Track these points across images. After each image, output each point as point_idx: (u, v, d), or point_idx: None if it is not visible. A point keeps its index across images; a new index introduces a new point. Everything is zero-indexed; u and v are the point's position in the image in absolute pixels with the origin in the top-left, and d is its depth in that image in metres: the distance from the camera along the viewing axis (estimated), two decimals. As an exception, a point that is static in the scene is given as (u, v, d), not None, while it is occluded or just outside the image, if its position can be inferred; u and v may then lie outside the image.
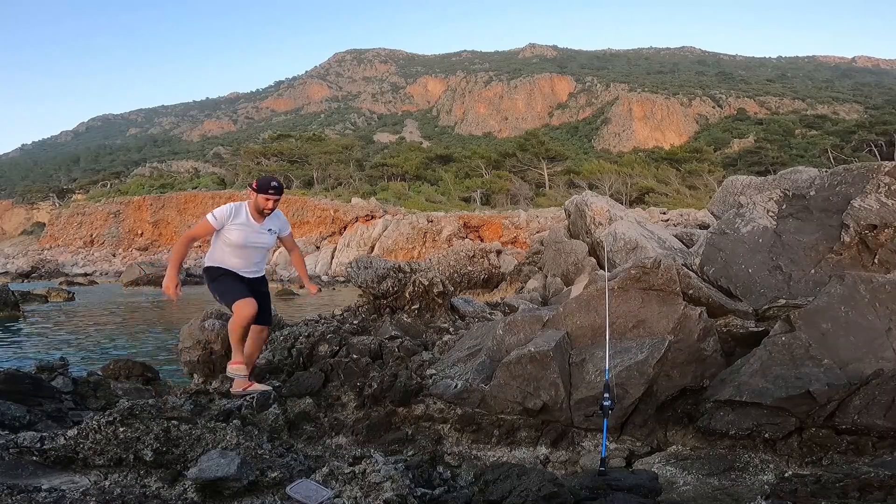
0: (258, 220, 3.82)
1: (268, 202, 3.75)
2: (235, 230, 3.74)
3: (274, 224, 3.94)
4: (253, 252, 3.86)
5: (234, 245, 3.75)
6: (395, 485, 1.86)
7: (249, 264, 3.87)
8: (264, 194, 3.73)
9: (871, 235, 3.70)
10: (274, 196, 3.77)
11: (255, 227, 3.80)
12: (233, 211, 3.78)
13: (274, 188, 3.77)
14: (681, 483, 2.64)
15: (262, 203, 3.74)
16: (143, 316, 14.28)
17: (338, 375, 3.91)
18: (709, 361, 3.27)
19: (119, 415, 2.14)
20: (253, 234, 3.80)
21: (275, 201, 3.79)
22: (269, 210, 3.78)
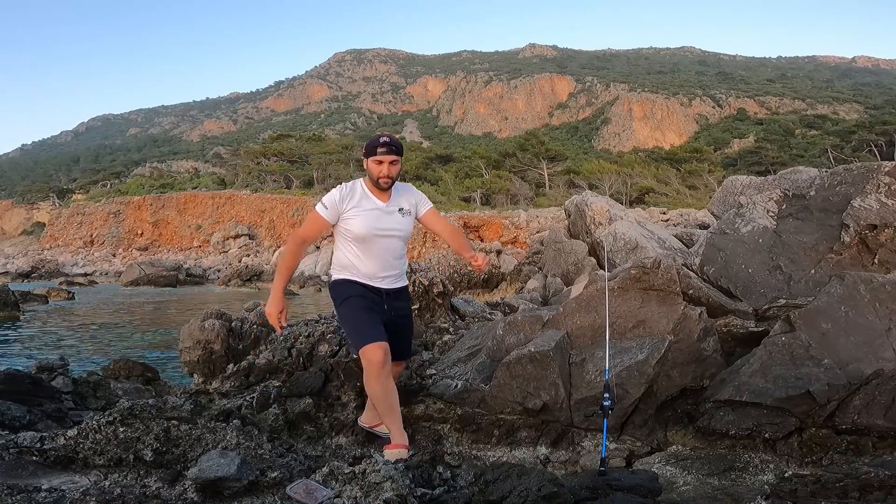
0: (382, 197, 2.88)
1: (381, 166, 2.80)
2: (354, 217, 2.83)
3: (406, 200, 2.97)
4: (386, 246, 2.89)
5: (358, 239, 2.85)
6: (395, 485, 1.86)
7: (385, 265, 2.93)
8: (374, 156, 2.80)
9: (871, 235, 3.70)
10: (389, 156, 2.81)
11: (379, 209, 2.86)
12: (346, 191, 2.88)
13: (385, 144, 2.82)
14: (681, 483, 2.64)
15: (374, 170, 2.81)
16: (143, 316, 14.28)
17: (338, 375, 3.91)
18: (709, 361, 3.27)
19: (119, 415, 2.14)
20: (379, 218, 2.85)
21: (391, 163, 2.82)
22: (386, 179, 2.82)
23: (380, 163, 2.82)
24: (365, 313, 2.81)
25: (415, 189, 3.12)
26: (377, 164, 2.82)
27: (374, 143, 2.85)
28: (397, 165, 2.86)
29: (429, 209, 3.07)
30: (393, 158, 2.82)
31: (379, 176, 2.82)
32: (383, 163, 2.82)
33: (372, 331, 2.74)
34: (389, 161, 2.82)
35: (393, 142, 2.87)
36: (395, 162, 2.84)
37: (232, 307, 7.27)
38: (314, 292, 22.17)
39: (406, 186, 3.06)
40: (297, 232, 2.98)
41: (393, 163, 2.83)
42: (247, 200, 43.58)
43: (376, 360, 2.67)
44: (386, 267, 2.93)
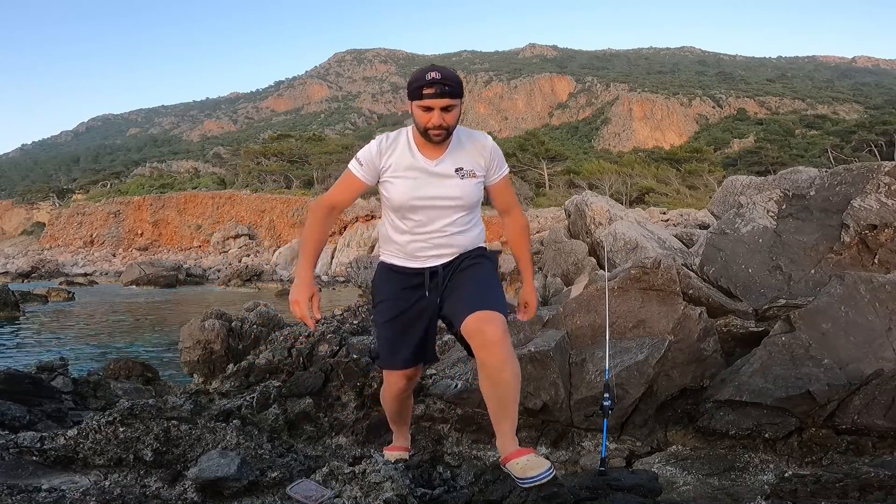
0: (431, 153, 2.10)
1: (429, 114, 1.99)
2: (391, 180, 2.12)
3: (469, 156, 2.13)
4: (433, 218, 2.13)
5: (395, 209, 2.16)
6: (395, 485, 1.86)
7: (435, 244, 2.16)
8: (419, 100, 2.00)
9: (871, 235, 3.70)
10: (440, 99, 1.97)
11: (423, 169, 2.09)
12: (386, 143, 2.14)
13: (434, 83, 1.97)
14: (681, 483, 2.64)
15: (420, 119, 2.02)
16: (143, 316, 14.28)
17: (338, 375, 3.91)
18: (709, 361, 3.27)
19: (119, 415, 2.14)
20: (422, 182, 2.09)
21: (445, 109, 1.99)
22: (437, 129, 2.00)
23: (427, 109, 1.99)
24: (393, 332, 2.21)
25: (487, 139, 2.19)
26: (424, 110, 2.00)
27: (419, 79, 1.99)
28: (454, 111, 2.02)
29: (502, 177, 2.22)
30: (446, 103, 1.97)
31: (427, 126, 2.00)
32: (433, 109, 1.98)
33: (396, 357, 2.21)
34: (441, 107, 1.98)
35: (446, 78, 1.97)
36: (451, 107, 1.99)
37: (232, 307, 7.26)
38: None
39: (473, 135, 2.18)
40: (323, 196, 2.23)
41: (447, 108, 1.99)
42: (247, 200, 43.58)
43: (395, 388, 2.29)
44: (437, 245, 2.15)
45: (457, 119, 2.08)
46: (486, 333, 1.94)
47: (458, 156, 2.14)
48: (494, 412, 2.04)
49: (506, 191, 2.29)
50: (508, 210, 2.32)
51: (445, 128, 2.04)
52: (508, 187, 2.30)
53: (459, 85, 2.05)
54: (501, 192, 2.27)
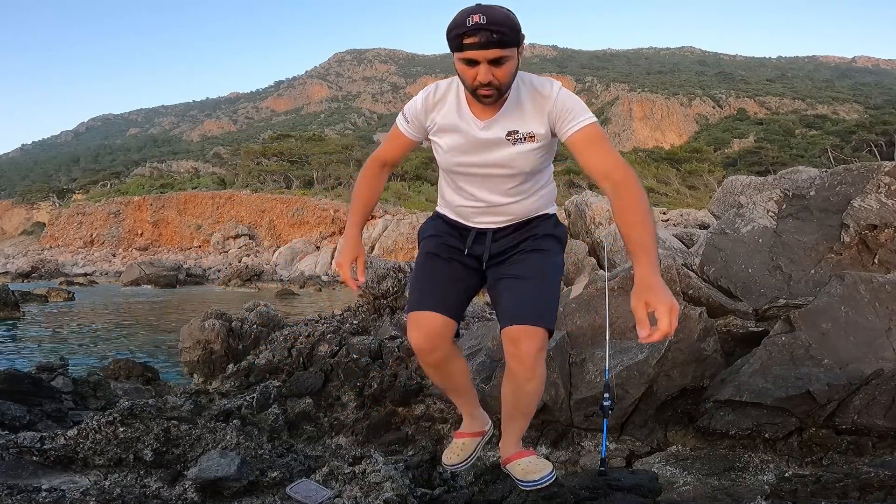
0: (481, 112, 1.73)
1: (475, 69, 1.58)
2: (438, 139, 1.85)
3: (523, 117, 1.73)
4: (482, 185, 1.84)
5: (443, 168, 1.93)
6: (395, 485, 1.86)
7: (486, 211, 1.89)
8: (460, 53, 1.58)
9: (871, 235, 3.70)
10: (488, 50, 1.54)
11: (469, 132, 1.76)
12: (434, 97, 1.82)
13: (479, 30, 1.52)
14: (681, 483, 2.64)
15: (466, 75, 1.62)
16: (143, 316, 14.28)
17: (338, 375, 3.91)
18: (709, 361, 3.27)
19: (119, 415, 2.14)
20: (468, 146, 1.78)
21: (494, 63, 1.56)
22: (486, 89, 1.61)
23: (471, 63, 1.58)
24: (426, 270, 1.96)
25: (551, 88, 1.71)
26: (468, 64, 1.59)
27: (459, 25, 1.54)
28: (508, 65, 1.58)
29: (579, 130, 1.66)
30: (496, 54, 1.54)
31: (474, 85, 1.61)
32: (478, 63, 1.57)
33: (420, 297, 1.92)
34: (490, 59, 1.55)
35: (493, 22, 1.51)
36: (503, 60, 1.56)
37: (232, 307, 7.26)
38: (314, 292, 22.17)
39: (536, 86, 1.72)
40: (373, 155, 2.02)
41: (498, 61, 1.56)
42: (247, 200, 43.59)
43: (412, 340, 1.89)
44: (488, 213, 1.88)
45: (512, 74, 1.62)
46: (521, 348, 1.75)
47: (513, 116, 1.73)
48: (507, 413, 1.95)
49: (590, 148, 1.66)
50: (605, 174, 1.63)
51: (497, 86, 1.61)
52: (595, 143, 1.66)
53: (514, 30, 1.55)
54: (583, 150, 1.67)
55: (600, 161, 1.66)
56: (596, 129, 1.68)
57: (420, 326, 1.86)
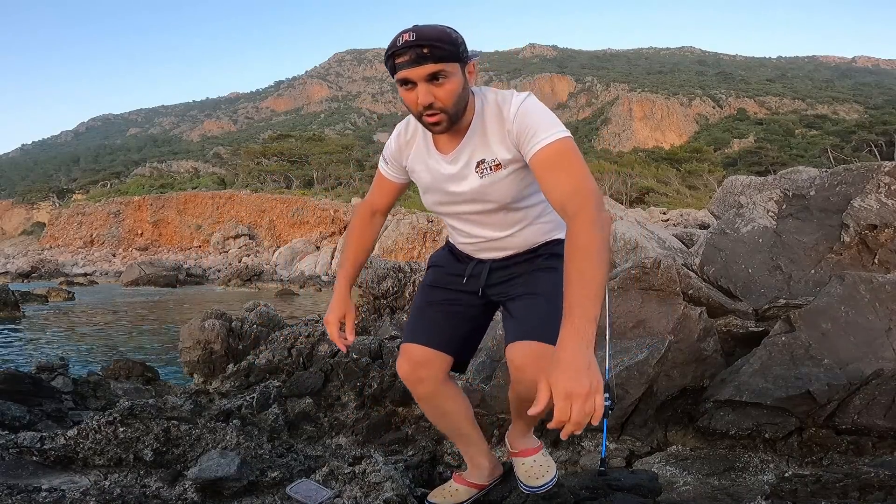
0: (445, 144, 1.60)
1: (411, 93, 1.45)
2: (414, 177, 1.74)
3: (488, 143, 1.55)
4: (464, 225, 1.73)
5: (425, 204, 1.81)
6: (395, 485, 1.86)
7: (475, 247, 1.77)
8: (396, 74, 1.44)
9: (871, 235, 3.70)
10: (418, 67, 1.39)
11: (438, 169, 1.64)
12: (405, 135, 1.70)
13: (406, 47, 1.38)
14: (681, 483, 2.64)
15: (407, 100, 1.48)
16: (143, 316, 14.28)
17: (338, 375, 3.91)
18: (709, 361, 3.27)
19: (119, 415, 2.14)
20: (441, 184, 1.66)
21: (431, 80, 1.41)
22: (432, 114, 1.45)
23: (409, 85, 1.43)
24: (422, 303, 1.87)
25: (510, 103, 1.50)
26: (407, 90, 1.45)
27: (391, 46, 1.42)
28: (450, 83, 1.42)
29: (539, 150, 1.42)
30: (430, 69, 1.39)
31: (418, 110, 1.46)
32: (413, 84, 1.42)
33: (412, 329, 1.84)
34: (425, 77, 1.40)
35: (423, 37, 1.38)
36: (441, 76, 1.40)
37: (232, 307, 7.26)
38: (314, 292, 22.17)
39: (500, 102, 1.53)
40: (364, 199, 1.92)
41: (436, 77, 1.41)
42: (247, 200, 43.59)
43: (399, 369, 1.83)
44: (489, 247, 1.73)
45: (456, 93, 1.44)
46: (523, 369, 1.59)
47: (479, 143, 1.55)
48: (514, 411, 1.87)
49: (547, 172, 1.41)
50: (560, 204, 1.37)
51: (443, 109, 1.44)
52: (554, 164, 1.40)
53: (452, 44, 1.40)
54: (541, 175, 1.43)
55: (556, 186, 1.38)
56: (555, 148, 1.41)
57: (409, 359, 1.79)
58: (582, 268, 1.22)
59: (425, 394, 1.83)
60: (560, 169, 1.40)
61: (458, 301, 1.82)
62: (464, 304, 1.82)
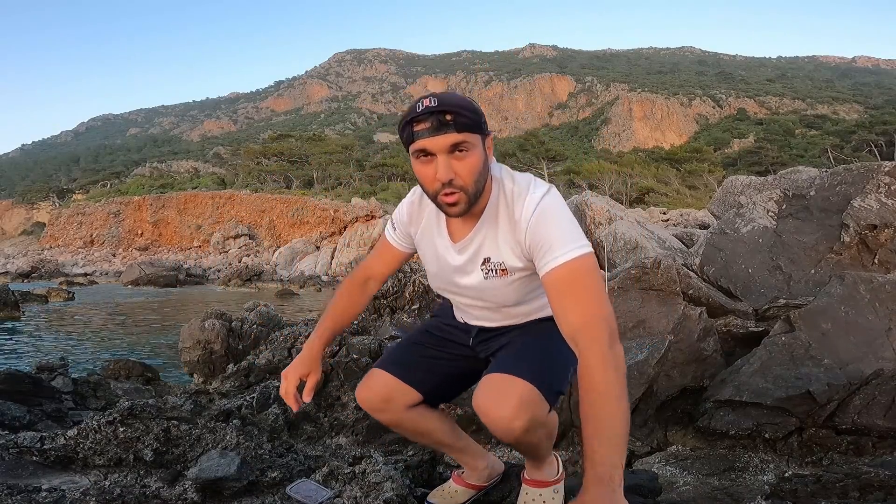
0: (457, 227, 1.50)
1: (427, 167, 1.32)
2: (420, 252, 1.67)
3: (497, 240, 1.43)
4: (466, 309, 1.67)
5: (429, 281, 1.71)
6: (395, 485, 1.86)
7: (476, 320, 1.69)
8: (412, 143, 1.32)
9: (871, 235, 3.70)
10: (438, 134, 1.27)
11: (444, 256, 1.54)
12: (417, 204, 1.60)
13: (427, 113, 1.27)
14: (681, 483, 2.64)
15: (423, 176, 1.35)
16: (143, 316, 14.28)
17: (338, 375, 3.91)
18: (709, 361, 3.27)
19: (119, 415, 2.14)
20: (446, 268, 1.56)
21: (452, 151, 1.29)
22: (449, 193, 1.32)
23: (424, 156, 1.32)
24: (408, 341, 1.83)
25: (525, 206, 1.37)
26: (424, 162, 1.33)
27: (409, 112, 1.31)
28: (472, 157, 1.31)
29: (554, 269, 1.30)
30: (452, 139, 1.28)
31: (434, 189, 1.34)
32: (432, 154, 1.31)
33: (385, 358, 1.78)
34: (447, 148, 1.29)
35: (446, 103, 1.28)
36: (463, 148, 1.30)
37: (232, 307, 7.26)
38: (314, 292, 22.17)
39: (515, 198, 1.39)
40: (361, 264, 1.81)
41: (458, 150, 1.30)
42: (247, 200, 43.59)
43: (357, 394, 1.74)
44: (488, 321, 1.66)
45: (478, 170, 1.32)
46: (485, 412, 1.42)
47: (489, 237, 1.43)
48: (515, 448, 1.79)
49: (560, 296, 1.29)
50: (570, 335, 1.26)
51: (462, 188, 1.31)
52: (568, 288, 1.28)
53: (475, 112, 1.31)
54: (552, 297, 1.30)
55: (566, 314, 1.27)
56: (570, 269, 1.28)
57: (371, 385, 1.70)
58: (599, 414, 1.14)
59: (389, 421, 1.75)
60: (571, 295, 1.28)
61: (445, 346, 1.76)
62: (451, 350, 1.75)
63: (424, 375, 1.71)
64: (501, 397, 1.40)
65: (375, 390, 1.69)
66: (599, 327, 1.23)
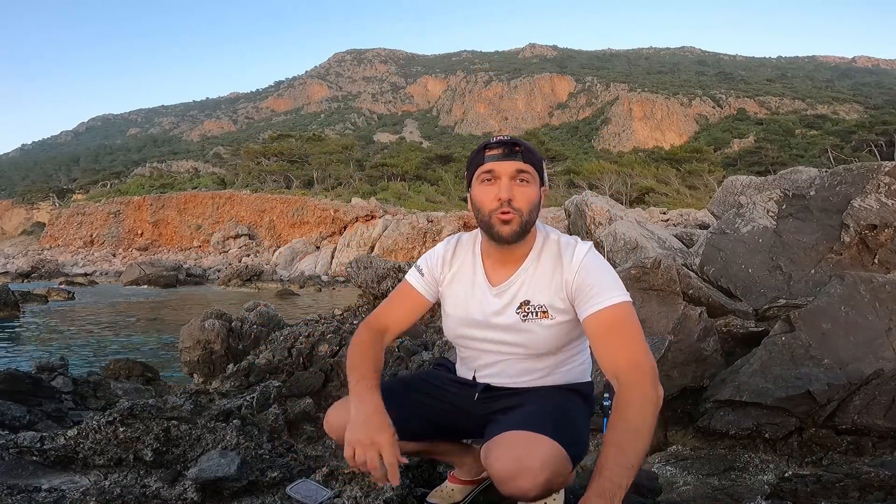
0: (496, 271, 1.52)
1: (493, 189, 1.41)
2: (447, 294, 1.60)
3: (540, 285, 1.47)
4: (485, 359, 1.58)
5: (447, 337, 1.67)
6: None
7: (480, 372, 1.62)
8: (482, 166, 1.43)
9: (871, 235, 3.70)
10: (507, 160, 1.40)
11: (484, 293, 1.53)
12: (454, 246, 1.62)
13: (500, 143, 1.43)
14: (681, 483, 2.64)
15: (482, 197, 1.43)
16: (143, 316, 14.28)
17: (338, 375, 3.91)
18: (709, 361, 3.27)
19: (119, 415, 2.14)
20: (475, 311, 1.54)
21: (516, 178, 1.41)
22: (506, 212, 1.40)
23: (489, 179, 1.40)
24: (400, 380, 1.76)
25: (575, 254, 1.44)
26: (486, 182, 1.41)
27: (482, 144, 1.45)
28: (529, 190, 1.41)
29: (600, 312, 1.36)
30: (517, 166, 1.39)
31: (491, 208, 1.39)
32: (498, 177, 1.39)
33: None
34: (511, 173, 1.39)
35: (516, 140, 1.42)
36: (525, 178, 1.40)
37: (232, 307, 7.25)
38: (314, 292, 22.17)
39: (563, 246, 1.47)
40: (369, 318, 1.67)
41: (520, 176, 1.40)
42: (247, 200, 43.60)
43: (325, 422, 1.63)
44: (502, 376, 1.58)
45: (533, 204, 1.41)
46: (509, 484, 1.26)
47: (530, 281, 1.46)
48: None
49: (604, 337, 1.34)
50: (613, 373, 1.30)
51: (519, 211, 1.39)
52: (612, 331, 1.33)
53: (539, 157, 1.45)
54: (596, 338, 1.36)
55: (613, 355, 1.32)
56: (616, 314, 1.35)
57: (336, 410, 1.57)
58: (623, 444, 1.20)
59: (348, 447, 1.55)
60: (618, 337, 1.34)
61: (439, 394, 1.65)
62: (445, 399, 1.65)
63: (408, 416, 1.55)
64: (522, 463, 1.25)
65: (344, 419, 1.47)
66: (646, 370, 1.30)
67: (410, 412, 1.60)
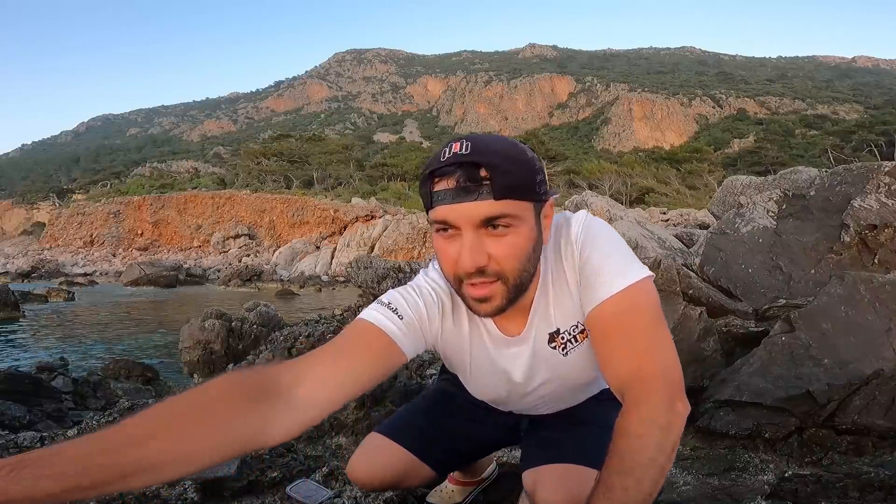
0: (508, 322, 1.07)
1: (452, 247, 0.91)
2: (458, 362, 1.16)
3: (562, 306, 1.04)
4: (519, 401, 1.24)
5: None
6: (395, 485, 1.86)
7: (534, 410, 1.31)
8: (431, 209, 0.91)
9: (871, 235, 3.71)
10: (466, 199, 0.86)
11: (497, 354, 1.11)
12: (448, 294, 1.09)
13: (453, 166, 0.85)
14: (681, 483, 2.64)
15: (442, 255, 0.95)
16: (143, 316, 14.28)
17: (338, 375, 3.91)
18: (709, 361, 3.27)
19: (119, 415, 2.14)
20: (498, 375, 1.14)
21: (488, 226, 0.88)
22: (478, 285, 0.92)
23: (446, 231, 0.92)
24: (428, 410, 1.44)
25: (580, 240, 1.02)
26: (443, 236, 0.94)
27: (432, 161, 0.92)
28: (518, 232, 0.92)
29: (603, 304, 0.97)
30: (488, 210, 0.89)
31: (457, 274, 0.94)
32: (455, 231, 0.91)
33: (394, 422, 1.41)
34: (477, 221, 0.89)
35: (480, 151, 0.88)
36: (502, 223, 0.90)
37: (232, 307, 7.26)
38: (314, 292, 22.18)
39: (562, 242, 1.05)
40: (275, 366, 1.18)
41: (492, 224, 0.90)
42: (247, 200, 43.61)
43: (351, 470, 1.31)
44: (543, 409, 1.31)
45: (526, 253, 0.94)
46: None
47: (551, 308, 1.07)
48: None
49: (606, 338, 0.98)
50: (617, 387, 0.95)
51: (500, 274, 0.93)
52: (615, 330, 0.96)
53: (523, 166, 0.94)
54: (597, 339, 1.00)
55: (610, 363, 0.97)
56: (620, 304, 0.96)
57: (377, 460, 1.28)
58: (626, 484, 0.83)
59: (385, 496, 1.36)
60: (622, 336, 0.95)
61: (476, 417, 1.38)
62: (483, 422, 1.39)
63: (446, 453, 1.35)
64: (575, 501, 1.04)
65: (384, 465, 1.27)
66: (652, 378, 0.90)
67: (450, 450, 1.38)
